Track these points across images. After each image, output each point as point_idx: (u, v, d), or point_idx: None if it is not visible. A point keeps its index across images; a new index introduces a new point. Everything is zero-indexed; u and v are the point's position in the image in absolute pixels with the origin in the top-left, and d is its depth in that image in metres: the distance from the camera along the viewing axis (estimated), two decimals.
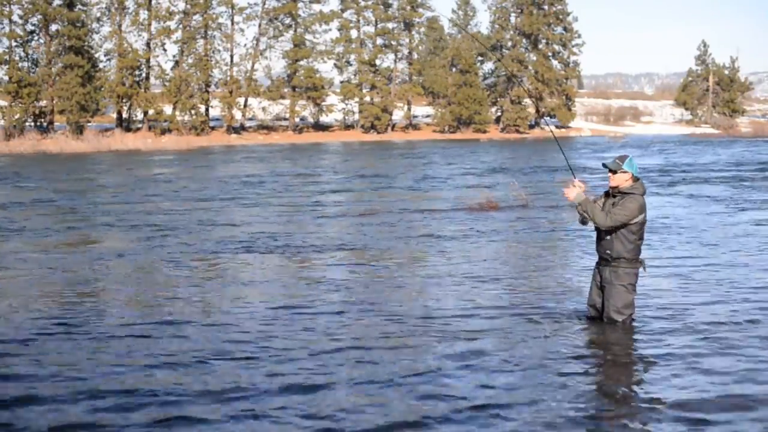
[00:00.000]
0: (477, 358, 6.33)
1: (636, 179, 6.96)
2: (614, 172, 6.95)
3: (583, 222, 7.13)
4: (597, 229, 7.07)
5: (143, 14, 55.50)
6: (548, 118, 68.44)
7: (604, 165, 7.16)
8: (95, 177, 26.56)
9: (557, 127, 67.56)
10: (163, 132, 53.26)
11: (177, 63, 56.93)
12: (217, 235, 13.07)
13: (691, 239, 12.51)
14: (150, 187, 22.33)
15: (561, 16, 67.03)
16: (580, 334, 7.03)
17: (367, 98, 62.63)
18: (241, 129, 59.01)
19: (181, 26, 56.60)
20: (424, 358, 6.35)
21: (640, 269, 7.04)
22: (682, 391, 5.65)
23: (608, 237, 6.97)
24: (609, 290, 7.01)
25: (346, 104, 63.01)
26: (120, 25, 55.04)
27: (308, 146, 49.72)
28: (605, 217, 6.84)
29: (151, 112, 54.84)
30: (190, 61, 56.72)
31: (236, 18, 59.40)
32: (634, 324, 7.12)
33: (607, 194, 7.15)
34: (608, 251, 6.98)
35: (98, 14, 54.82)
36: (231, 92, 58.07)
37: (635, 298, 7.13)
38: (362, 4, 63.61)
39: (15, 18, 50.74)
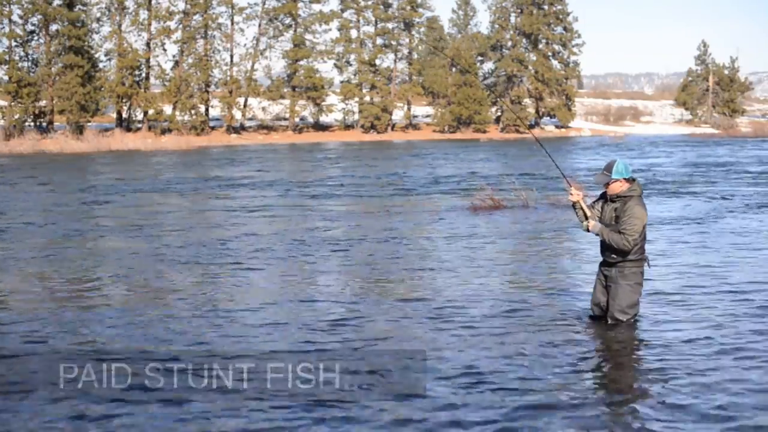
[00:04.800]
0: (478, 356, 6.32)
1: (632, 180, 6.90)
2: (607, 184, 6.91)
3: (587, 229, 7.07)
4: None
5: (143, 14, 55.52)
6: (548, 117, 68.48)
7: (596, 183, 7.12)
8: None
9: (557, 126, 67.52)
10: (163, 132, 53.23)
11: (177, 63, 56.92)
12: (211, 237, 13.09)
13: (696, 239, 12.50)
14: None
15: (561, 16, 67.02)
16: (582, 333, 7.02)
17: (367, 98, 62.61)
18: (241, 129, 59.00)
19: (181, 26, 56.59)
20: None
21: (645, 266, 7.03)
22: (685, 391, 5.64)
23: None
24: (615, 289, 6.99)
25: (346, 104, 62.98)
26: (120, 25, 55.01)
27: (308, 146, 49.71)
28: (622, 239, 6.75)
29: (151, 112, 54.80)
30: (190, 61, 56.70)
31: (236, 18, 59.44)
32: (637, 324, 7.11)
33: (603, 196, 7.10)
34: (614, 255, 6.96)
35: (98, 14, 54.83)
36: (231, 92, 58.07)
37: (640, 298, 7.12)
38: (362, 4, 63.59)
39: (15, 18, 50.74)
